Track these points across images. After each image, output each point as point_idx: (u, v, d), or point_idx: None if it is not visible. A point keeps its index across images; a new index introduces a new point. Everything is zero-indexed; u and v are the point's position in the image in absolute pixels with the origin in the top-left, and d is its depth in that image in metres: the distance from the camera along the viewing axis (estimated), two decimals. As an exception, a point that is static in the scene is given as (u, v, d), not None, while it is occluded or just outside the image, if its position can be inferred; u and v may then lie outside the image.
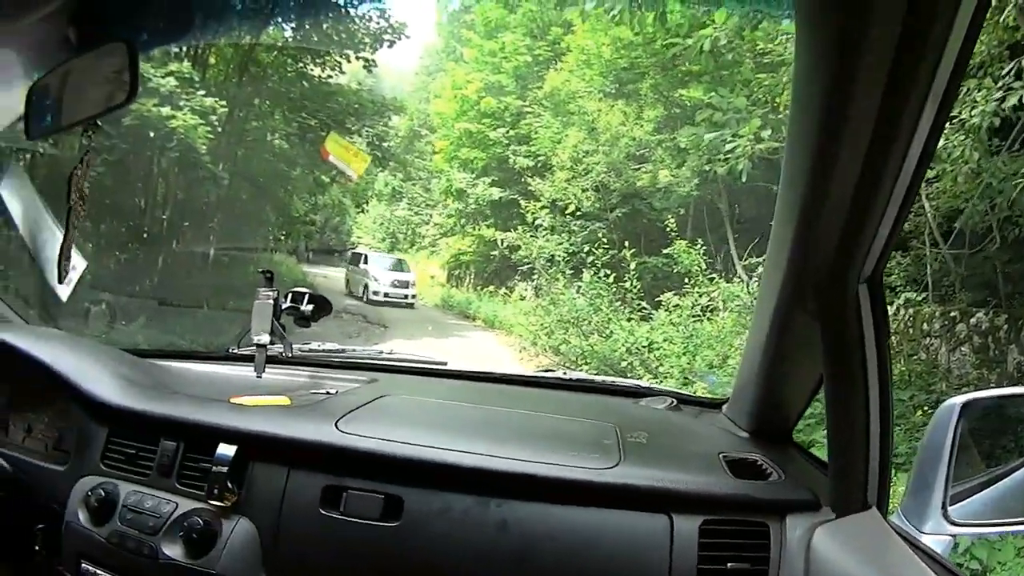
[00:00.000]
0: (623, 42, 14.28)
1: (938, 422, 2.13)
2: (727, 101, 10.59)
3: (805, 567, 1.44)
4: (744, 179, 9.85)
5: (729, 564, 1.50)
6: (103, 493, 1.79)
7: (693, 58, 10.36)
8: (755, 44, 10.06)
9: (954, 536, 2.04)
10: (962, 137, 6.82)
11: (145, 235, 11.98)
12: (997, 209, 7.34)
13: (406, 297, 19.17)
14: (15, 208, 2.85)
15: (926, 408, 6.74)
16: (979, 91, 6.64)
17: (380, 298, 18.38)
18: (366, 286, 18.88)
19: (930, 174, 6.92)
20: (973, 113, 6.62)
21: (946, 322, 8.10)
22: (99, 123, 1.59)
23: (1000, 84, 6.59)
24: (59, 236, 2.08)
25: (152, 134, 10.49)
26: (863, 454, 1.41)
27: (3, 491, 1.96)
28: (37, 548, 1.92)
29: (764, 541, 1.52)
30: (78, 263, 2.45)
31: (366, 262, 20.00)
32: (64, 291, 2.51)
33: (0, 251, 8.15)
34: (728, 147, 9.97)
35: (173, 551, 1.67)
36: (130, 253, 11.53)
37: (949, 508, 2.01)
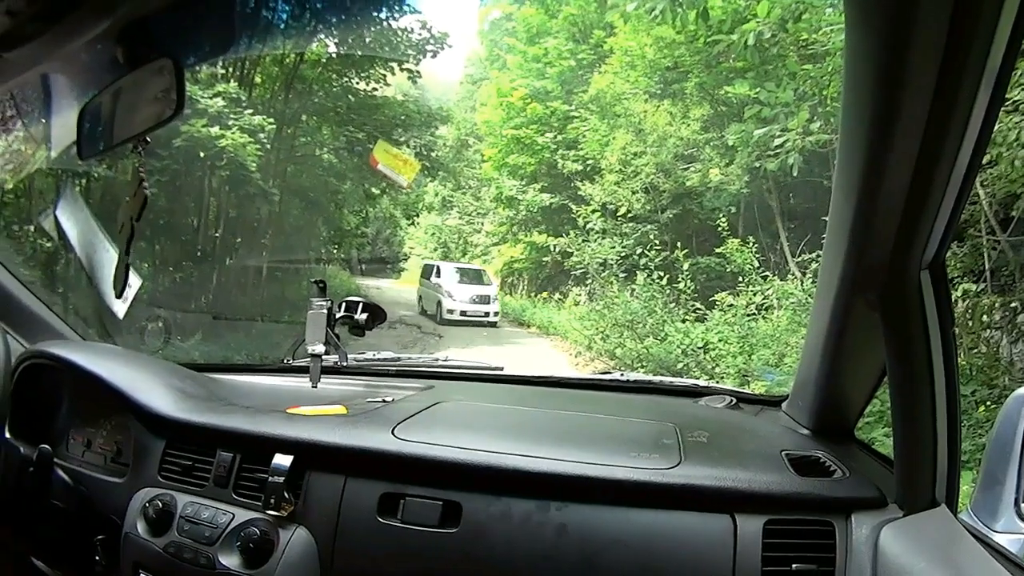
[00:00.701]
0: (666, 41, 14.23)
1: (1006, 415, 2.07)
2: (774, 95, 10.52)
3: (872, 567, 1.40)
4: (795, 173, 9.80)
5: (794, 565, 1.46)
6: (161, 504, 1.82)
7: (737, 54, 10.31)
8: (799, 36, 9.89)
9: (1029, 535, 1.96)
10: (1018, 119, 6.60)
11: (199, 252, 12.22)
12: (1057, 195, 7.09)
13: (487, 315, 16.89)
14: (72, 230, 2.92)
15: (989, 403, 6.58)
16: (1034, 71, 6.42)
17: (456, 316, 16.39)
18: (439, 303, 16.92)
19: (985, 159, 6.68)
20: (1028, 93, 6.42)
21: (1007, 313, 7.85)
22: (148, 139, 1.61)
23: (1056, 63, 6.36)
24: (115, 255, 2.12)
25: (203, 154, 10.69)
26: (930, 448, 1.36)
27: (65, 503, 2.00)
28: (97, 558, 1.96)
29: (830, 541, 1.48)
30: (133, 281, 2.51)
31: (439, 275, 17.94)
32: (121, 309, 2.56)
33: (59, 272, 8.38)
34: (777, 142, 9.93)
35: (230, 561, 1.69)
36: (185, 271, 11.77)
37: (1023, 505, 1.94)
